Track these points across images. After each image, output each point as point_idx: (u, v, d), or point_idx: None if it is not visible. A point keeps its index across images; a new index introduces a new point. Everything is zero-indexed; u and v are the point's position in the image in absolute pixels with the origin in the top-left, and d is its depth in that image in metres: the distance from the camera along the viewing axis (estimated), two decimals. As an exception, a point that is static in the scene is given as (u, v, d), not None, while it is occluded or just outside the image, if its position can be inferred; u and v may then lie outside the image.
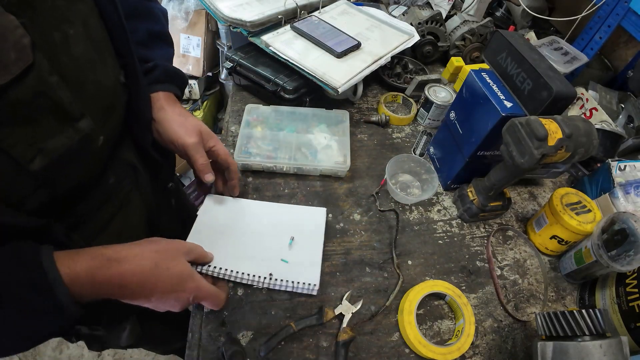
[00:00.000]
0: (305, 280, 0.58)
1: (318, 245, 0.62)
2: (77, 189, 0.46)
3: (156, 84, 0.59)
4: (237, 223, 0.62)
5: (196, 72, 1.74)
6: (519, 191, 0.83)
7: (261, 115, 0.84)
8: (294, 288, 0.58)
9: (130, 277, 0.41)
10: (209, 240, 0.58)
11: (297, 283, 0.57)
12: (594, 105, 0.85)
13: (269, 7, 0.90)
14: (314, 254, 0.61)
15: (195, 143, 0.56)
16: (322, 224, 0.65)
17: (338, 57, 0.84)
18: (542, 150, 0.52)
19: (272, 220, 0.64)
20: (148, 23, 0.61)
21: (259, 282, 0.57)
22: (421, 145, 0.87)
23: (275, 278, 0.57)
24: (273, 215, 0.65)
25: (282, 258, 0.59)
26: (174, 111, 0.58)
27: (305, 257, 0.60)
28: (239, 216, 0.63)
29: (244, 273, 0.56)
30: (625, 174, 0.71)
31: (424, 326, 0.61)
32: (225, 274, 0.55)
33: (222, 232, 0.60)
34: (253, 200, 0.68)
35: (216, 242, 0.58)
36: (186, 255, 0.48)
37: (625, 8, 0.90)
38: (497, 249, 0.72)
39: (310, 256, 0.61)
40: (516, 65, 0.61)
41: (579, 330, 0.46)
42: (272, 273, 0.57)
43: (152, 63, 0.59)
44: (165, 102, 0.59)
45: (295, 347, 0.56)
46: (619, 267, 0.56)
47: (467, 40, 1.06)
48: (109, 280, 0.39)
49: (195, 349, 0.55)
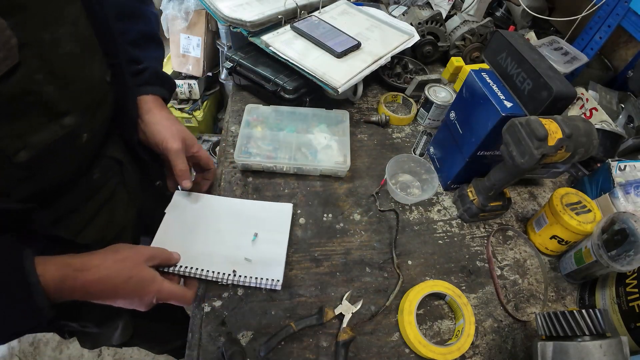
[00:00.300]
0: (269, 276, 0.58)
1: (283, 241, 0.63)
2: (62, 182, 0.49)
3: (146, 86, 0.61)
4: (204, 220, 0.63)
5: (196, 72, 1.74)
6: (519, 191, 0.83)
7: (261, 115, 0.84)
8: (258, 284, 0.58)
9: (93, 285, 0.43)
10: (176, 238, 0.59)
11: (260, 279, 0.58)
12: (594, 105, 0.85)
13: (269, 7, 0.90)
14: (278, 250, 0.62)
15: (178, 149, 0.58)
16: (287, 219, 0.65)
17: (338, 57, 0.84)
18: (542, 150, 0.52)
19: (238, 216, 0.65)
20: (140, 24, 0.62)
21: (223, 279, 0.57)
22: (421, 145, 0.87)
23: (239, 275, 0.57)
24: (239, 212, 0.65)
25: (245, 256, 0.59)
26: (162, 115, 0.60)
27: (270, 253, 0.61)
28: (206, 213, 0.64)
29: (209, 271, 0.56)
30: (625, 174, 0.71)
31: (424, 326, 0.61)
32: (191, 272, 0.56)
33: (189, 230, 0.61)
34: (220, 197, 0.68)
35: (183, 240, 0.59)
36: (149, 262, 0.49)
37: (625, 8, 0.90)
38: (497, 249, 0.72)
39: (275, 252, 0.61)
40: (516, 65, 0.61)
41: (579, 330, 0.46)
42: (236, 270, 0.58)
43: (143, 65, 0.61)
44: (154, 105, 0.61)
45: (295, 347, 0.56)
46: (619, 267, 0.56)
47: (467, 40, 1.06)
48: (74, 288, 0.42)
49: (195, 349, 0.55)
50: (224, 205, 0.65)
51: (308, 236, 0.69)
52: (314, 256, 0.67)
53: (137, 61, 0.60)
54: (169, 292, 0.50)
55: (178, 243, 0.58)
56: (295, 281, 0.63)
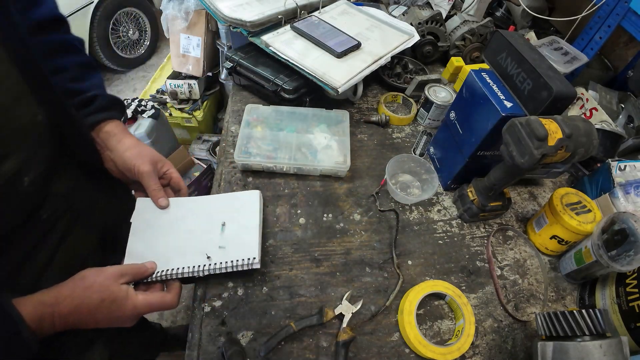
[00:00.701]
0: (244, 256, 0.58)
1: (254, 226, 0.62)
2: (9, 230, 0.48)
3: (101, 112, 0.61)
4: (173, 221, 0.62)
5: (196, 72, 1.74)
6: (519, 191, 0.83)
7: (261, 115, 0.84)
8: (234, 267, 0.57)
9: (70, 316, 0.44)
10: (148, 244, 0.58)
11: (236, 262, 0.57)
12: (594, 105, 0.85)
13: (269, 7, 0.90)
14: (250, 233, 0.61)
15: (149, 171, 0.60)
16: (256, 205, 0.65)
17: (338, 57, 0.84)
18: (542, 150, 0.52)
19: (206, 211, 0.64)
20: (73, 56, 0.62)
21: (200, 271, 0.56)
22: (421, 145, 0.87)
23: (215, 262, 0.57)
24: (206, 207, 0.65)
25: (219, 245, 0.59)
26: (130, 141, 0.62)
27: (242, 237, 0.61)
28: (174, 214, 0.63)
29: (185, 267, 0.56)
30: (625, 174, 0.71)
31: (424, 326, 0.61)
32: (169, 275, 0.55)
33: (159, 234, 0.61)
34: (183, 197, 0.67)
35: (155, 245, 0.59)
36: (119, 279, 0.49)
37: (625, 8, 0.90)
38: (497, 249, 0.72)
39: (247, 236, 0.61)
40: (516, 65, 0.61)
41: (579, 330, 0.46)
42: (211, 257, 0.58)
43: (92, 93, 0.60)
44: (118, 131, 0.61)
45: (295, 347, 0.56)
46: (619, 267, 0.56)
47: (467, 40, 1.06)
48: (54, 323, 0.44)
49: (195, 349, 0.55)
50: (190, 204, 0.65)
51: (308, 236, 0.69)
52: (314, 256, 0.67)
53: (83, 92, 0.60)
54: (145, 304, 0.50)
55: (151, 249, 0.57)
56: (295, 281, 0.63)
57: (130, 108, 1.60)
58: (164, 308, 0.52)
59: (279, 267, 0.65)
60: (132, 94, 2.47)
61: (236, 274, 0.63)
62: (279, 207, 0.73)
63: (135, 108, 1.61)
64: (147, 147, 0.63)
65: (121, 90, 2.51)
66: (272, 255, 0.66)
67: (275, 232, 0.69)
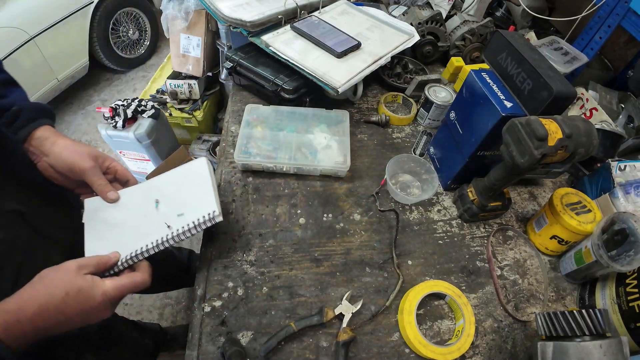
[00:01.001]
0: (204, 213, 0.58)
1: (208, 187, 0.62)
2: None
3: (31, 123, 0.59)
4: (126, 212, 0.62)
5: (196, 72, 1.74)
6: (519, 191, 0.83)
7: (261, 115, 0.84)
8: (197, 227, 0.57)
9: (37, 318, 0.42)
10: (106, 241, 0.58)
11: (197, 221, 0.57)
12: (594, 105, 0.85)
13: (269, 7, 0.90)
14: (206, 193, 0.61)
15: (92, 167, 0.58)
16: (205, 169, 0.65)
17: (338, 57, 0.84)
18: (542, 150, 0.52)
19: (158, 190, 0.64)
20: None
21: (164, 242, 0.56)
22: (421, 145, 0.87)
23: (177, 229, 0.57)
24: (157, 187, 0.65)
25: (177, 214, 0.59)
26: (65, 142, 0.59)
27: (198, 199, 0.60)
28: (125, 204, 0.63)
29: (149, 244, 0.55)
30: (625, 174, 0.71)
31: (424, 326, 0.61)
32: (134, 258, 0.55)
33: (115, 228, 0.60)
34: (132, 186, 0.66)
35: (113, 239, 0.58)
36: (81, 271, 0.48)
37: (625, 8, 0.90)
38: (497, 249, 0.72)
39: (203, 195, 0.61)
40: (516, 65, 0.61)
41: (579, 330, 0.46)
42: (171, 226, 0.57)
43: (16, 107, 0.59)
44: (51, 134, 0.59)
45: (295, 347, 0.56)
46: (619, 267, 0.56)
47: (467, 40, 1.06)
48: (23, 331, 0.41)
49: (195, 349, 0.55)
50: (140, 190, 0.64)
51: (308, 236, 0.69)
52: (314, 256, 0.67)
53: (7, 109, 0.58)
54: (115, 287, 0.49)
55: (110, 244, 0.56)
56: (295, 281, 0.63)
57: (130, 108, 1.59)
58: (136, 288, 0.51)
59: (279, 267, 0.65)
60: (132, 94, 2.46)
61: (236, 273, 0.63)
62: (279, 207, 0.73)
63: (135, 108, 1.61)
64: (84, 145, 0.61)
65: (121, 90, 2.51)
66: (272, 255, 0.66)
67: (275, 232, 0.69)
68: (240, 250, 0.66)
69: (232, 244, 0.67)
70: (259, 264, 0.65)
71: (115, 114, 1.55)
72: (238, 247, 0.67)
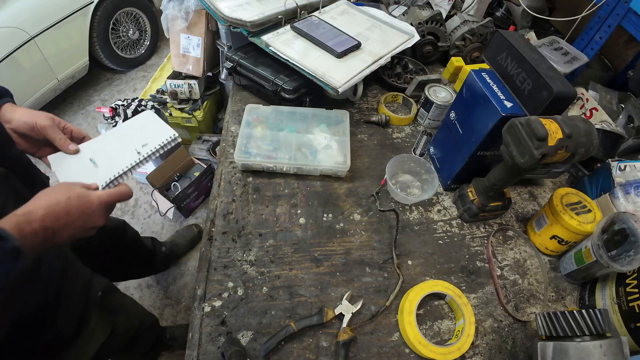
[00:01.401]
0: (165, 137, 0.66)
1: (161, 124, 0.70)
2: None
3: None
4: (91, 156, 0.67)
5: (196, 72, 1.74)
6: (519, 191, 0.83)
7: (261, 115, 0.84)
8: (162, 147, 0.65)
9: (47, 218, 0.47)
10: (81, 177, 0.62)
11: (162, 143, 0.65)
12: (594, 105, 0.85)
13: (269, 7, 0.90)
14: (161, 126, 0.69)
15: (52, 124, 0.63)
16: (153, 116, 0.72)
17: (338, 57, 0.84)
18: (542, 150, 0.52)
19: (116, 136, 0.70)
20: None
21: (139, 164, 0.63)
22: (421, 145, 0.87)
23: (145, 152, 0.64)
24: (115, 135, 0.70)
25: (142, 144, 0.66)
26: (24, 109, 0.65)
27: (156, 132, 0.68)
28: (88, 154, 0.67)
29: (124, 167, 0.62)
30: (625, 174, 0.71)
31: (424, 326, 0.61)
32: (115, 178, 0.61)
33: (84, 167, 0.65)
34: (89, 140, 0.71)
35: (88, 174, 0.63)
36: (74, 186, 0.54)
37: (625, 8, 0.90)
38: (497, 249, 0.72)
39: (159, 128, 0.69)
40: (516, 65, 0.61)
41: (579, 330, 0.46)
42: (140, 152, 0.64)
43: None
44: (11, 106, 0.65)
45: (295, 347, 0.56)
46: (619, 267, 0.56)
47: (467, 40, 1.06)
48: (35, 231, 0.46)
49: (195, 349, 0.55)
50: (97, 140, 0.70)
51: (308, 236, 0.69)
52: (314, 256, 0.67)
53: None
54: (107, 194, 0.55)
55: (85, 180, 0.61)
56: (295, 281, 0.63)
57: (131, 108, 1.59)
58: (123, 195, 0.57)
59: (279, 267, 0.65)
60: (132, 94, 2.46)
61: (236, 273, 0.63)
62: (279, 207, 0.73)
63: (135, 108, 1.61)
64: (40, 111, 0.66)
65: (121, 90, 2.51)
66: (272, 255, 0.66)
67: (275, 232, 0.69)
68: (240, 250, 0.66)
69: (232, 244, 0.67)
70: (259, 264, 0.65)
71: (115, 114, 1.55)
72: (238, 247, 0.67)
